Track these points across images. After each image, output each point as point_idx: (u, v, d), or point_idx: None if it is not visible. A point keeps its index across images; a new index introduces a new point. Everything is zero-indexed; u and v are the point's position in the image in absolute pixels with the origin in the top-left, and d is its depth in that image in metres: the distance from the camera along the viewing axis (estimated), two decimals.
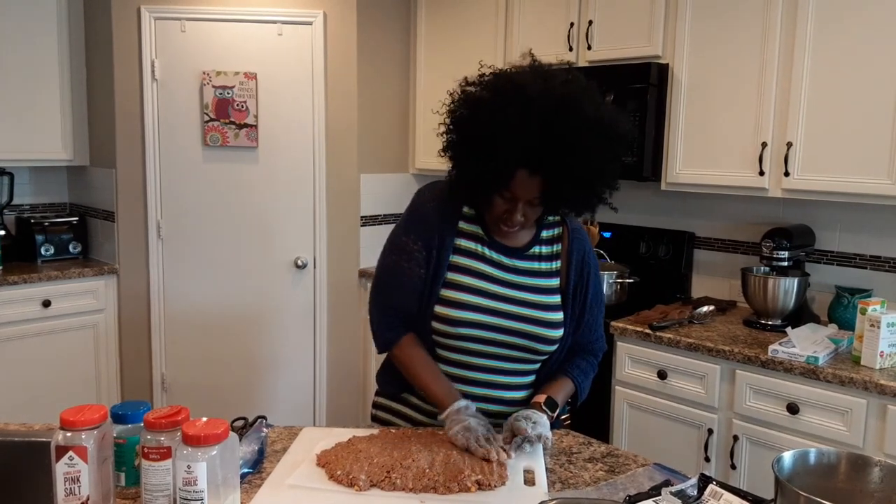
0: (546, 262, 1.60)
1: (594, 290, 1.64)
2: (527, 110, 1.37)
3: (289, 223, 3.56)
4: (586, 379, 1.65)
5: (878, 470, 1.10)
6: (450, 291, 1.54)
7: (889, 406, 2.05)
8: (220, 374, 3.59)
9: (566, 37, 3.04)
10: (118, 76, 3.39)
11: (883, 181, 2.29)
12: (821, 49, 2.39)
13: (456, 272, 1.55)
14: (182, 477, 1.04)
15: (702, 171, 2.71)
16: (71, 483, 1.07)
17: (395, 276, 1.58)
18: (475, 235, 1.58)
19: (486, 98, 1.43)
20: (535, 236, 1.61)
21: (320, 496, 1.21)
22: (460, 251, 1.57)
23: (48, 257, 3.58)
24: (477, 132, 1.41)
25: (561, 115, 1.37)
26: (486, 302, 1.53)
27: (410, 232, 1.58)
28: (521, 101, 1.38)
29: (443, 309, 1.53)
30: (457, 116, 1.47)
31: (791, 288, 2.54)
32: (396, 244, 1.60)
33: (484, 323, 1.53)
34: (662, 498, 1.20)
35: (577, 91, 1.41)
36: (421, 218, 1.59)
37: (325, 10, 3.46)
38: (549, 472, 1.34)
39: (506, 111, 1.38)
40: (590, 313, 1.64)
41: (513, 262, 1.58)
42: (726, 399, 2.38)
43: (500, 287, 1.55)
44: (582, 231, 1.67)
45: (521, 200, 1.45)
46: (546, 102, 1.38)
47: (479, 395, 1.57)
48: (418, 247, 1.56)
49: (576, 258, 1.61)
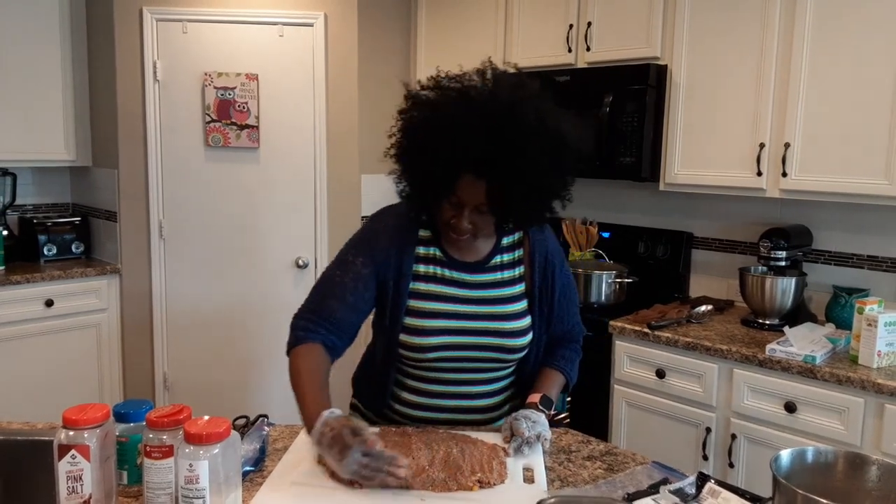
0: (509, 271, 1.60)
1: (562, 284, 1.64)
2: (471, 113, 1.37)
3: (290, 223, 3.57)
4: (572, 366, 1.67)
5: (875, 468, 1.11)
6: (413, 319, 1.53)
7: (886, 405, 2.06)
8: (222, 373, 3.61)
9: (565, 38, 3.04)
10: (120, 77, 3.40)
11: (880, 181, 2.30)
12: (818, 50, 2.40)
13: (418, 299, 1.54)
14: (184, 475, 1.04)
15: (700, 172, 2.72)
16: (73, 481, 1.08)
17: (331, 285, 1.54)
18: (433, 258, 1.56)
19: (433, 101, 1.43)
20: (495, 246, 1.60)
21: (321, 493, 1.22)
22: (419, 277, 1.55)
23: (51, 257, 3.60)
24: (422, 133, 1.41)
25: (506, 120, 1.36)
26: (451, 323, 1.53)
27: (360, 254, 1.56)
28: (466, 103, 1.38)
29: (409, 337, 1.53)
30: (405, 118, 1.46)
31: (789, 287, 2.55)
32: (342, 261, 1.57)
33: (452, 344, 1.53)
34: (661, 496, 1.20)
35: (525, 97, 1.40)
36: (373, 242, 1.56)
37: (325, 11, 3.47)
38: (549, 470, 1.35)
39: (450, 114, 1.38)
40: (559, 307, 1.64)
41: (474, 278, 1.57)
42: (724, 398, 2.39)
43: (464, 305, 1.54)
44: (543, 231, 1.65)
45: (467, 206, 1.43)
46: (492, 106, 1.37)
47: (452, 407, 1.58)
48: (367, 270, 1.53)
49: (538, 260, 1.61)
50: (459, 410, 1.58)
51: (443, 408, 1.56)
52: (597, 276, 2.90)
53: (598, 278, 2.89)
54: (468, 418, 1.60)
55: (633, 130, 2.78)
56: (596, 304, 2.89)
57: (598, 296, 2.89)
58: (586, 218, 3.28)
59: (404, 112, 1.47)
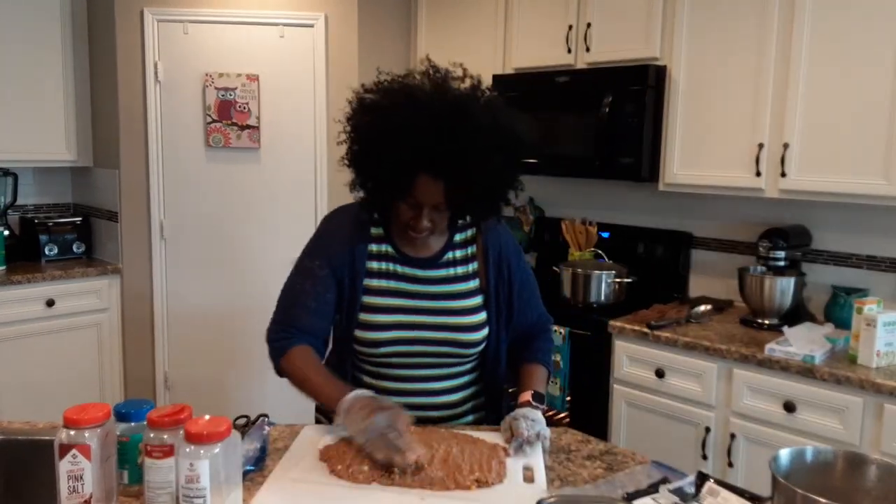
0: (462, 266, 1.61)
1: (520, 279, 1.64)
2: (419, 113, 1.38)
3: (290, 223, 3.57)
4: (548, 355, 1.69)
5: (874, 468, 1.11)
6: (368, 315, 1.55)
7: (885, 405, 2.06)
8: (223, 373, 3.61)
9: (565, 38, 3.05)
10: (121, 78, 3.41)
11: (878, 181, 2.30)
12: (816, 50, 2.40)
13: (371, 295, 1.56)
14: (185, 475, 1.04)
15: (699, 172, 2.72)
16: (74, 481, 1.08)
17: (296, 295, 1.57)
18: (385, 255, 1.58)
19: (380, 103, 1.45)
20: (447, 242, 1.61)
21: (322, 490, 1.23)
22: (373, 274, 1.57)
23: (52, 257, 3.60)
24: (373, 137, 1.43)
25: (458, 118, 1.38)
26: (404, 318, 1.55)
27: (315, 257, 1.58)
28: (413, 104, 1.39)
29: (362, 333, 1.55)
30: (354, 124, 1.48)
31: (788, 287, 2.55)
32: (301, 268, 1.60)
33: (405, 339, 1.54)
34: (660, 495, 1.21)
35: (470, 95, 1.42)
36: (327, 244, 1.59)
37: (326, 12, 3.48)
38: (548, 469, 1.35)
39: (398, 115, 1.39)
40: (520, 301, 1.64)
41: (426, 273, 1.58)
42: (723, 397, 2.40)
43: (417, 300, 1.56)
44: (496, 227, 1.65)
45: (425, 206, 1.45)
46: (438, 106, 1.39)
47: (416, 404, 1.58)
48: (325, 273, 1.55)
49: (492, 255, 1.62)
50: (419, 407, 1.57)
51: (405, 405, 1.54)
52: (596, 276, 2.90)
53: (597, 278, 2.90)
54: (430, 415, 1.59)
55: (632, 131, 2.78)
56: (595, 303, 2.89)
57: (598, 296, 2.90)
58: (585, 218, 3.29)
59: (352, 118, 1.49)
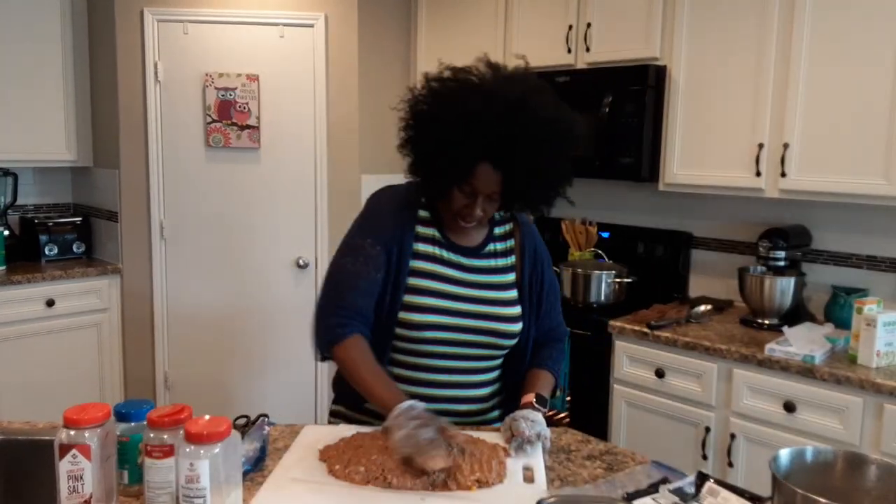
0: (502, 259, 1.63)
1: (549, 279, 1.68)
2: (488, 103, 1.40)
3: (290, 223, 3.57)
4: (558, 365, 1.70)
5: (874, 468, 1.11)
6: (412, 296, 1.53)
7: (885, 405, 2.06)
8: (223, 373, 3.61)
9: (565, 38, 3.05)
10: (121, 78, 3.41)
11: (878, 181, 2.30)
12: (817, 50, 2.40)
13: (416, 277, 1.55)
14: (185, 475, 1.04)
15: (699, 172, 2.72)
16: (74, 481, 1.08)
17: (350, 276, 1.52)
18: (432, 238, 1.59)
19: (449, 92, 1.46)
20: (488, 234, 1.63)
21: (321, 490, 1.22)
22: (419, 255, 1.56)
23: (52, 257, 3.60)
24: (439, 124, 1.44)
25: (521, 111, 1.40)
26: (447, 304, 1.54)
27: (367, 235, 1.55)
28: (483, 94, 1.42)
29: (407, 314, 1.53)
30: (418, 111, 1.49)
31: (788, 287, 2.55)
32: (352, 246, 1.56)
33: (447, 325, 1.54)
34: (660, 495, 1.20)
35: (535, 89, 1.45)
36: (377, 221, 1.57)
37: (326, 12, 3.48)
38: (548, 469, 1.35)
39: (468, 104, 1.41)
40: (547, 301, 1.67)
41: (471, 262, 1.59)
42: (723, 397, 2.40)
43: (461, 288, 1.57)
44: (531, 225, 1.71)
45: (481, 195, 1.47)
46: (507, 97, 1.41)
47: (444, 397, 1.57)
48: (376, 250, 1.53)
49: (528, 251, 1.65)
50: (449, 400, 1.57)
51: (435, 397, 1.55)
52: (596, 276, 2.90)
53: (597, 278, 2.90)
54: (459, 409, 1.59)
55: (632, 131, 2.78)
56: (595, 304, 2.89)
57: (598, 296, 2.90)
58: (586, 218, 3.29)
59: (416, 104, 1.50)
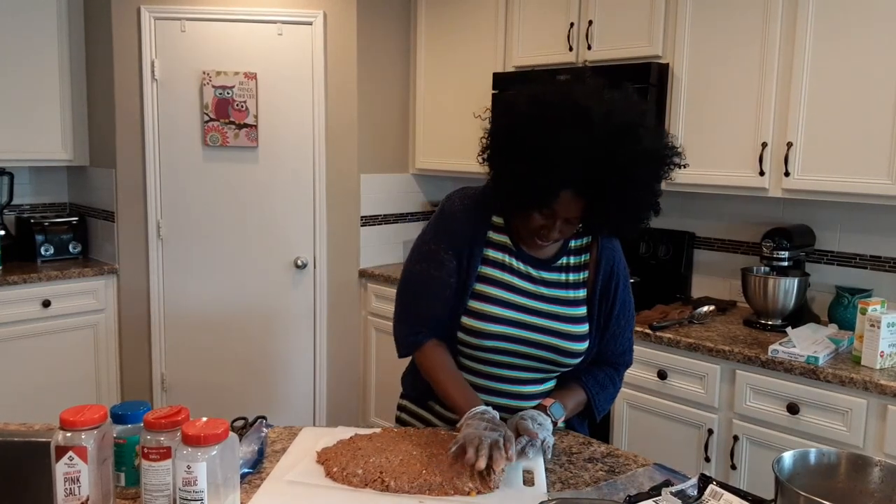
0: (574, 273, 1.57)
1: (622, 302, 1.59)
2: (589, 134, 1.32)
3: (289, 223, 3.56)
4: (602, 391, 1.59)
5: (878, 470, 1.10)
6: (478, 303, 1.52)
7: (889, 406, 2.05)
8: (220, 375, 3.59)
9: (566, 37, 3.04)
10: (118, 76, 3.39)
11: (883, 181, 2.29)
12: (821, 49, 2.39)
13: (484, 283, 1.53)
14: (182, 477, 1.04)
15: (702, 171, 2.71)
16: (71, 483, 1.07)
17: (423, 284, 1.55)
18: (504, 246, 1.55)
19: (547, 114, 1.35)
20: (563, 247, 1.58)
21: (319, 493, 1.21)
22: (489, 262, 1.54)
23: (48, 257, 3.59)
24: (533, 146, 1.35)
25: (621, 146, 1.32)
26: (513, 314, 1.51)
27: (441, 240, 1.55)
28: (585, 123, 1.32)
29: (470, 321, 1.51)
30: (507, 125, 1.41)
31: (791, 288, 2.54)
32: (425, 252, 1.56)
33: (511, 335, 1.51)
34: (662, 498, 1.20)
35: (636, 117, 1.37)
36: (451, 225, 1.55)
37: (325, 10, 3.46)
38: (550, 472, 1.34)
39: (569, 132, 1.32)
40: (616, 324, 1.59)
41: (540, 274, 1.55)
42: (726, 399, 2.38)
43: (528, 299, 1.53)
44: (613, 241, 1.61)
45: (559, 218, 1.41)
46: (609, 128, 1.32)
47: (499, 405, 1.55)
48: (449, 256, 1.53)
49: (604, 269, 1.57)
50: (505, 410, 1.54)
51: (490, 405, 1.52)
52: None
53: None
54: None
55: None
56: None
57: None
58: None
59: (504, 120, 1.42)
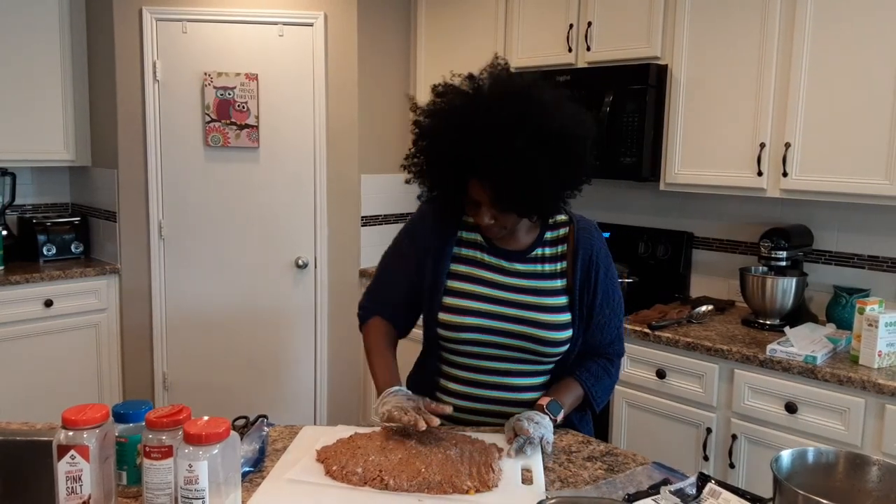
0: (550, 264, 1.59)
1: (605, 291, 1.59)
2: (455, 116, 1.46)
3: (290, 223, 3.57)
4: (598, 382, 1.60)
5: (875, 469, 1.11)
6: (451, 299, 1.58)
7: (887, 405, 2.06)
8: (222, 374, 3.60)
9: (565, 38, 3.04)
10: (120, 77, 3.40)
11: (881, 181, 2.30)
12: (819, 50, 2.39)
13: (456, 280, 1.60)
14: (183, 476, 1.04)
15: (700, 172, 2.71)
16: (73, 482, 1.08)
17: (384, 270, 1.74)
18: (475, 243, 1.62)
19: (431, 109, 1.53)
20: (538, 238, 1.61)
21: (318, 491, 1.22)
22: (460, 259, 1.61)
23: (50, 257, 3.59)
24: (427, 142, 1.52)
25: (485, 119, 1.41)
26: (486, 307, 1.56)
27: (406, 235, 1.71)
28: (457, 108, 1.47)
29: (446, 315, 1.57)
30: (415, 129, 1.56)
31: (789, 288, 2.54)
32: (393, 242, 1.74)
33: (486, 327, 1.55)
34: (661, 496, 1.20)
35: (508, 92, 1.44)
36: (418, 223, 1.69)
37: (325, 11, 3.47)
38: (549, 470, 1.35)
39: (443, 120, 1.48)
40: (600, 314, 1.59)
41: (513, 266, 1.59)
42: (725, 398, 2.39)
43: (501, 291, 1.57)
44: (591, 230, 1.62)
45: (483, 205, 1.48)
46: (472, 107, 1.44)
47: (492, 398, 1.59)
48: (411, 252, 1.66)
49: (582, 258, 1.57)
50: (497, 402, 1.59)
51: (487, 398, 1.58)
52: None
53: None
54: (507, 411, 1.57)
55: (633, 130, 2.78)
56: None
57: None
58: None
59: (415, 122, 1.56)
